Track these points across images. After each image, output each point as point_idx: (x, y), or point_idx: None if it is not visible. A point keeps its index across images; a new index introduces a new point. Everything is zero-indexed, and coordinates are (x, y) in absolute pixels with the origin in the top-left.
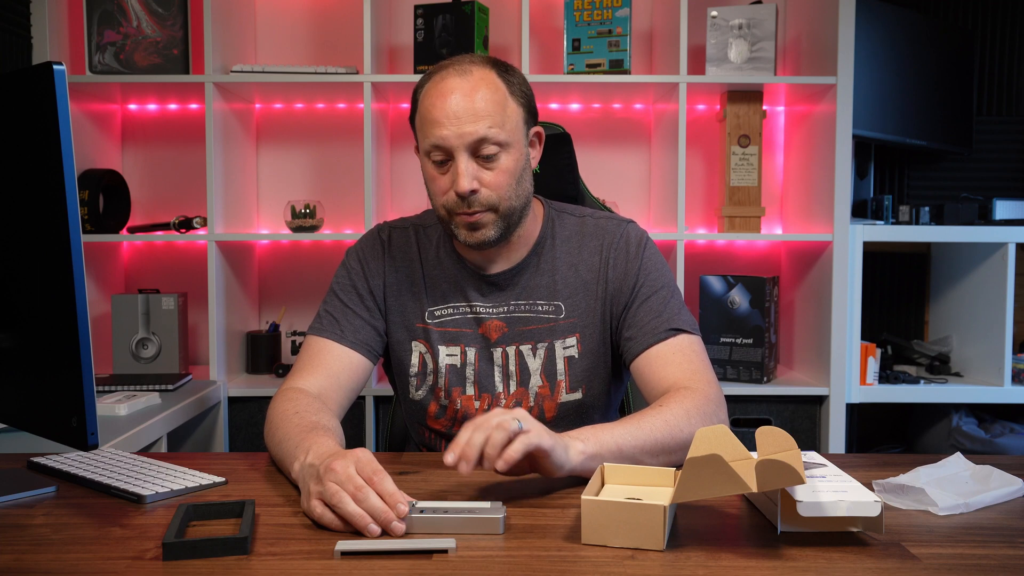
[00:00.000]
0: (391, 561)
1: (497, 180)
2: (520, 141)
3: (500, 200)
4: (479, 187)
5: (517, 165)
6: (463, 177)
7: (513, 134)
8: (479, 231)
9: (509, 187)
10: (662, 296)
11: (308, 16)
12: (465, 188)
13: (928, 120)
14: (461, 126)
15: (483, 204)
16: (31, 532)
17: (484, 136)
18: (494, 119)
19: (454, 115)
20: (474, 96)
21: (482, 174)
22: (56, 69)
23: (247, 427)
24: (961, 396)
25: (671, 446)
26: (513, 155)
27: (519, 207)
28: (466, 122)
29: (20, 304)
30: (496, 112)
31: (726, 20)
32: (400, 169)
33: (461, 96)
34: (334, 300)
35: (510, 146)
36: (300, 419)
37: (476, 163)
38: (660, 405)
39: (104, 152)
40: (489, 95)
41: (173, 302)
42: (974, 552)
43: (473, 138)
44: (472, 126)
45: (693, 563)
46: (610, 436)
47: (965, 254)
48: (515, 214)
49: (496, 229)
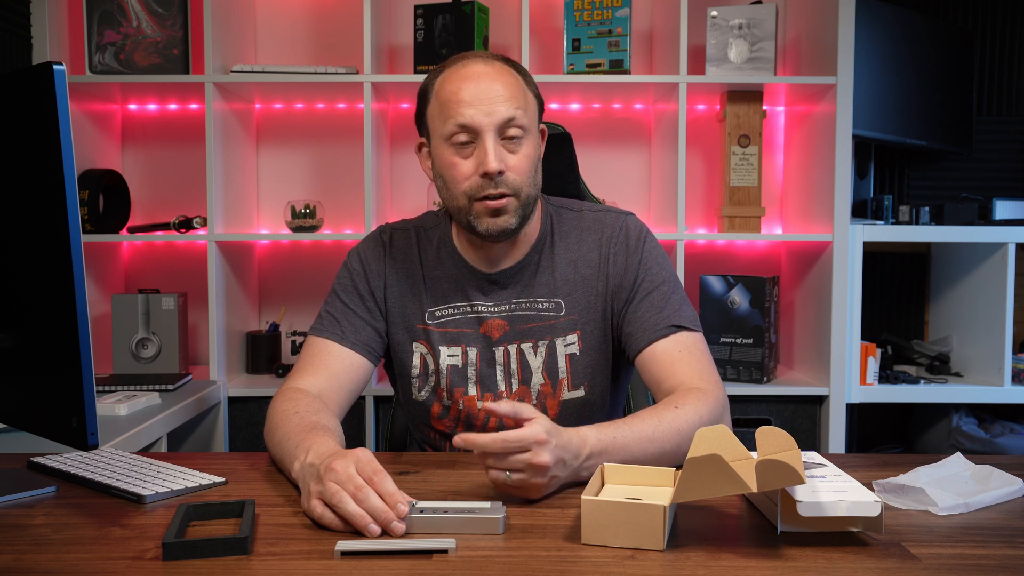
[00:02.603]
0: (391, 561)
1: (521, 164)
2: (536, 131)
3: (523, 185)
4: (505, 169)
5: (536, 153)
6: (491, 155)
7: (532, 122)
8: (502, 217)
9: (530, 174)
10: (663, 291)
11: (308, 16)
12: (494, 167)
13: (928, 120)
14: (490, 105)
15: (509, 187)
16: (31, 532)
17: (512, 116)
18: (519, 102)
19: (484, 96)
20: (500, 80)
21: (507, 157)
22: (56, 69)
23: (247, 427)
24: (961, 396)
25: (680, 453)
26: (533, 142)
27: (535, 198)
28: (495, 102)
29: (20, 304)
30: (520, 96)
31: (726, 20)
32: (400, 169)
33: (488, 79)
34: (335, 301)
35: (530, 133)
36: (300, 419)
37: (501, 145)
38: (676, 407)
39: (104, 152)
40: (512, 81)
41: (173, 302)
42: (974, 552)
43: (502, 117)
44: (500, 105)
45: (693, 563)
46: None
47: (965, 254)
48: (531, 204)
49: (516, 217)
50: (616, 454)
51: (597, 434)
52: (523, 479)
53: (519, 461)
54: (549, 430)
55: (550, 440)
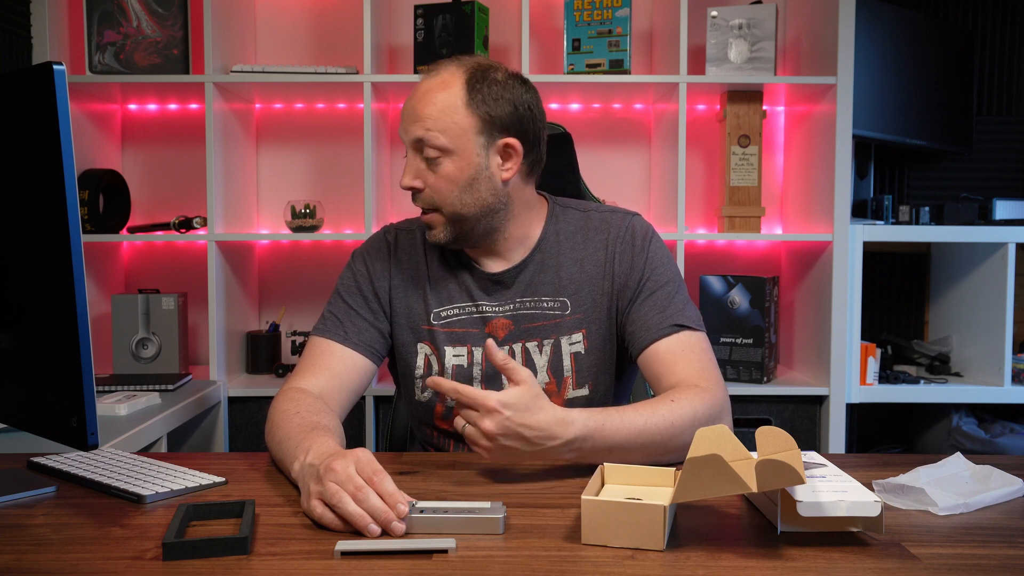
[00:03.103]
0: (391, 561)
1: (437, 184)
2: (468, 150)
3: (442, 204)
4: (421, 185)
5: (462, 173)
6: (404, 172)
7: (458, 141)
8: (431, 231)
9: (451, 193)
10: (667, 291)
11: (308, 16)
12: (403, 183)
13: (928, 120)
14: (408, 123)
15: (425, 203)
16: (31, 532)
17: (421, 137)
18: (436, 123)
19: (407, 113)
20: (426, 98)
21: (426, 175)
22: (56, 69)
23: (247, 427)
24: (961, 396)
25: (671, 447)
26: (457, 163)
27: (471, 215)
28: (411, 121)
29: (20, 304)
30: (440, 118)
31: (726, 20)
32: (400, 169)
33: (416, 97)
34: (338, 301)
35: (454, 153)
36: (301, 419)
37: (424, 163)
38: (672, 401)
39: (104, 152)
40: (441, 99)
41: (173, 302)
42: (974, 552)
43: (412, 136)
44: (414, 125)
45: (693, 563)
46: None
47: (965, 254)
48: (467, 220)
49: (446, 232)
50: (604, 440)
51: (585, 419)
52: (471, 435)
53: (468, 416)
54: (507, 402)
55: (500, 412)
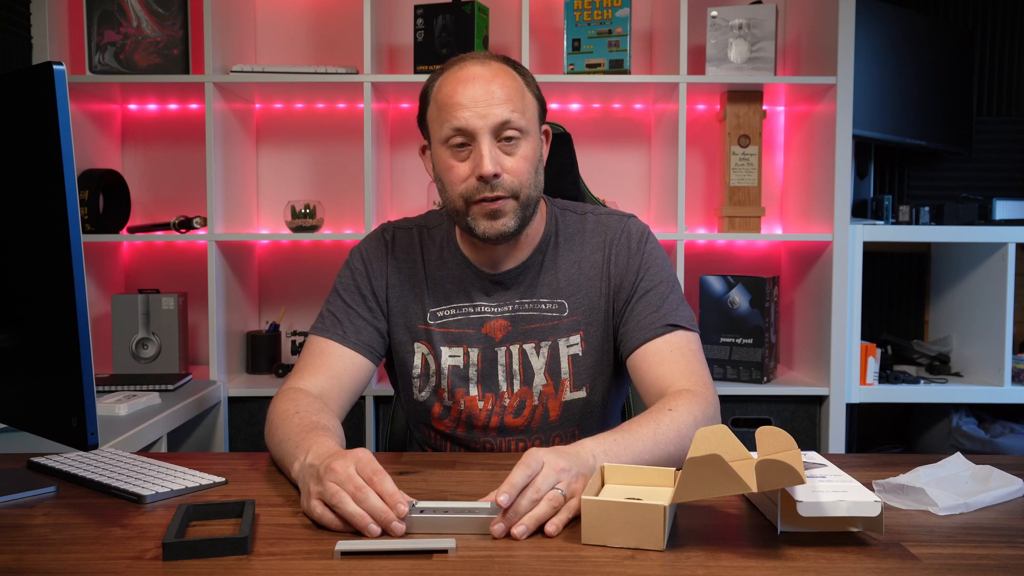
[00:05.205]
0: (391, 561)
1: (518, 166)
2: (536, 132)
3: (521, 187)
4: (501, 171)
5: (535, 154)
6: (486, 159)
7: (531, 123)
8: (500, 220)
9: (529, 175)
10: (661, 291)
11: (308, 16)
12: (489, 170)
13: (928, 120)
14: (485, 107)
15: (506, 189)
16: (31, 532)
17: (507, 119)
18: (515, 104)
19: (479, 98)
20: (496, 82)
21: (503, 159)
22: (56, 69)
23: (247, 427)
24: (961, 396)
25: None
26: (531, 143)
27: (536, 198)
28: (491, 104)
29: (20, 304)
30: (516, 98)
31: (726, 20)
32: (400, 169)
33: (484, 82)
34: (337, 300)
35: (529, 134)
36: (300, 419)
37: (498, 148)
38: (671, 410)
39: (104, 152)
40: (509, 82)
41: (173, 302)
42: (974, 552)
43: (496, 120)
44: (496, 108)
45: (693, 563)
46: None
47: (965, 254)
48: (532, 205)
49: (516, 219)
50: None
51: (594, 445)
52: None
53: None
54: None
55: (532, 453)
